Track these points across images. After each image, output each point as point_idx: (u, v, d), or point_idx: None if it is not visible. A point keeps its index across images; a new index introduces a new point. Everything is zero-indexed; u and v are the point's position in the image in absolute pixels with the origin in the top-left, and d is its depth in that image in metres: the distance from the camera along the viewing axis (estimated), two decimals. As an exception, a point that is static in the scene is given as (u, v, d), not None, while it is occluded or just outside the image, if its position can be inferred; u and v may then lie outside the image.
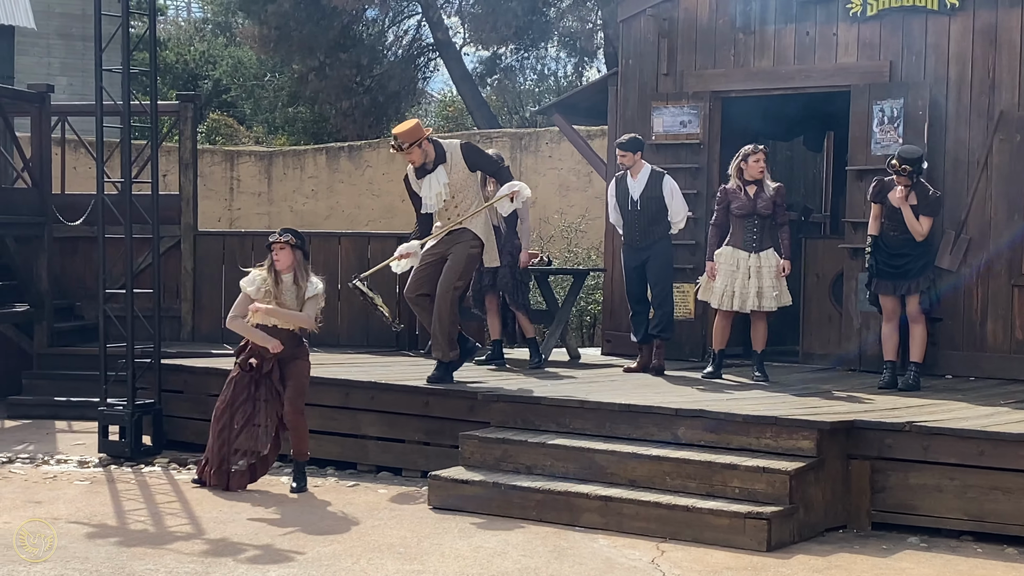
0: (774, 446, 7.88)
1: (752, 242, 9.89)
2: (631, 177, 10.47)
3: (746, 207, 9.89)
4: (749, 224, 9.90)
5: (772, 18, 11.31)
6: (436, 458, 9.09)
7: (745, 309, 9.94)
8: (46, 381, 12.29)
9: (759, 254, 9.88)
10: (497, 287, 10.79)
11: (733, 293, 9.91)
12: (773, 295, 9.89)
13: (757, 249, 9.88)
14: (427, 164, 9.49)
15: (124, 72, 10.15)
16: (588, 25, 25.68)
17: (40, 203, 12.64)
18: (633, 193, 10.43)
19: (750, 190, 9.92)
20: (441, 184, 9.46)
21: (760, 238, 9.88)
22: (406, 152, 9.39)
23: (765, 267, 9.87)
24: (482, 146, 19.02)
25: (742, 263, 9.90)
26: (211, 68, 33.44)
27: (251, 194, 20.86)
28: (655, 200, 10.36)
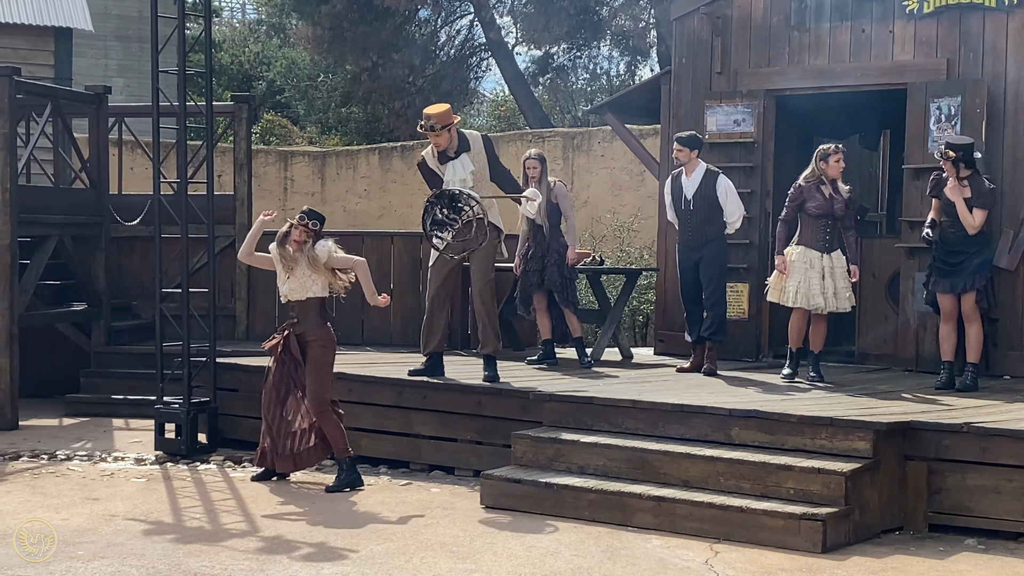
0: (829, 447, 7.82)
1: (824, 242, 9.76)
2: (685, 175, 10.42)
3: (823, 207, 9.74)
4: (822, 224, 9.76)
5: (827, 15, 11.24)
6: (488, 457, 9.10)
7: (822, 309, 9.76)
8: (103, 379, 12.41)
9: (831, 255, 9.76)
10: (545, 285, 10.78)
11: (808, 292, 9.75)
12: (846, 296, 9.80)
13: (828, 249, 9.76)
14: (449, 150, 9.64)
15: (180, 74, 10.23)
16: (640, 24, 25.63)
17: (98, 203, 12.77)
18: (687, 192, 10.38)
19: (825, 190, 9.77)
20: (467, 171, 9.62)
21: (832, 238, 9.77)
22: (436, 133, 9.51)
23: (838, 268, 9.76)
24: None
25: (815, 262, 9.75)
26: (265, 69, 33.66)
27: (304, 194, 20.97)
28: (708, 199, 10.29)
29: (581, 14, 24.42)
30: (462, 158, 9.65)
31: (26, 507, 8.20)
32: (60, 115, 12.60)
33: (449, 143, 9.64)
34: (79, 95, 13.15)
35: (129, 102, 18.65)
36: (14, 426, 11.19)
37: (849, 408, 8.39)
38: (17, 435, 10.90)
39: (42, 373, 13.02)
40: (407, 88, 25.54)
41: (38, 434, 10.96)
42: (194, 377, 10.31)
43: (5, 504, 8.29)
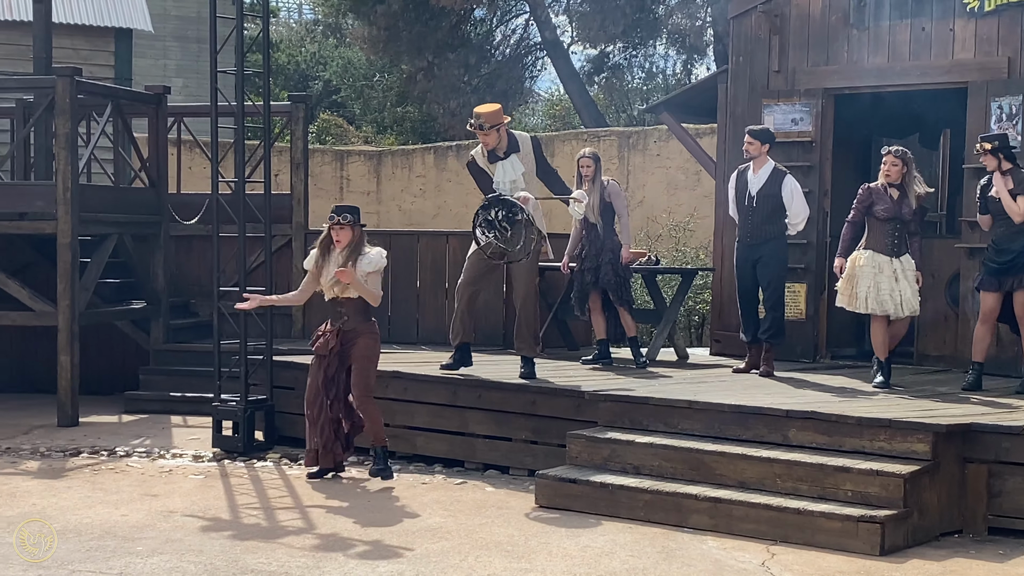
0: (888, 449, 7.75)
1: (892, 246, 9.55)
2: (752, 171, 10.31)
3: (891, 210, 9.53)
4: (890, 227, 9.55)
5: (887, 13, 11.14)
6: (543, 457, 9.10)
7: (896, 314, 9.56)
8: (162, 377, 12.53)
9: (899, 259, 9.56)
10: (599, 285, 10.76)
11: (878, 297, 9.55)
12: (915, 301, 9.60)
13: (897, 253, 9.55)
14: (499, 150, 9.68)
15: (238, 74, 10.31)
16: (697, 22, 25.53)
17: (157, 202, 12.88)
18: (751, 188, 10.26)
19: (893, 193, 9.55)
20: (517, 172, 9.68)
21: (900, 243, 9.56)
22: (485, 132, 9.58)
23: (908, 271, 9.56)
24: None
25: (885, 266, 9.54)
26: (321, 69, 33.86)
27: (360, 193, 21.08)
28: (772, 198, 10.17)
29: (637, 13, 24.36)
30: (512, 159, 9.69)
31: (86, 503, 8.29)
32: (120, 115, 12.72)
33: (498, 143, 9.68)
34: (139, 95, 13.27)
35: (187, 102, 18.81)
36: (74, 423, 11.32)
37: (908, 410, 8.31)
38: (77, 431, 11.03)
39: (102, 370, 13.17)
40: (462, 87, 25.59)
41: (98, 431, 11.08)
42: (251, 375, 10.38)
43: (66, 500, 8.39)
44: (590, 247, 10.76)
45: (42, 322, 11.68)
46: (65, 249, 11.35)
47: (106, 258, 12.19)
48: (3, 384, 13.45)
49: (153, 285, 12.86)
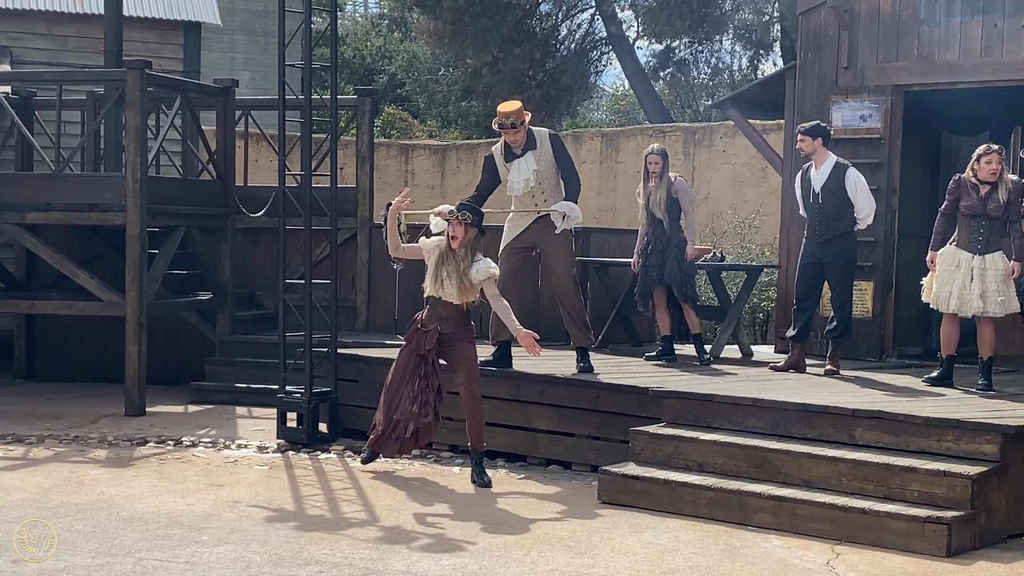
0: (955, 449, 7.66)
1: (977, 243, 9.35)
2: (815, 168, 10.20)
3: (974, 207, 9.34)
4: (976, 224, 9.35)
5: (958, 10, 11.01)
6: (606, 453, 9.08)
7: (964, 313, 9.41)
8: (227, 368, 12.63)
9: (984, 256, 9.33)
10: (664, 280, 10.71)
11: (951, 294, 9.42)
12: (999, 300, 9.33)
13: (982, 251, 9.33)
14: (517, 148, 9.67)
15: (306, 67, 10.37)
16: (764, 18, 25.38)
17: (224, 195, 13.00)
18: (815, 185, 10.14)
19: (983, 190, 9.34)
20: (530, 170, 9.65)
21: (987, 240, 9.33)
22: (515, 131, 9.55)
23: (990, 270, 9.32)
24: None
25: (964, 263, 9.37)
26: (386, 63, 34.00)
27: (425, 187, 21.14)
28: (837, 193, 10.04)
29: (703, 8, 24.26)
30: (527, 156, 9.66)
31: (153, 492, 8.38)
32: (189, 108, 12.84)
33: (522, 140, 9.66)
34: (207, 88, 13.39)
35: (254, 95, 18.95)
36: (141, 412, 11.45)
37: (976, 410, 8.21)
38: (144, 421, 11.16)
39: (168, 361, 13.31)
40: (527, 82, 25.61)
41: (164, 420, 11.20)
42: (316, 367, 10.44)
43: (133, 488, 8.49)
44: (655, 242, 10.72)
45: (110, 312, 11.82)
46: (134, 240, 11.48)
47: (174, 249, 12.32)
48: (72, 374, 13.63)
49: (219, 277, 12.98)
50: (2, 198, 11.79)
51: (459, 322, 8.86)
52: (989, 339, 9.47)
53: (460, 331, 8.87)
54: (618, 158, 19.42)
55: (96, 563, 6.65)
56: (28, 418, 11.16)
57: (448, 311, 8.82)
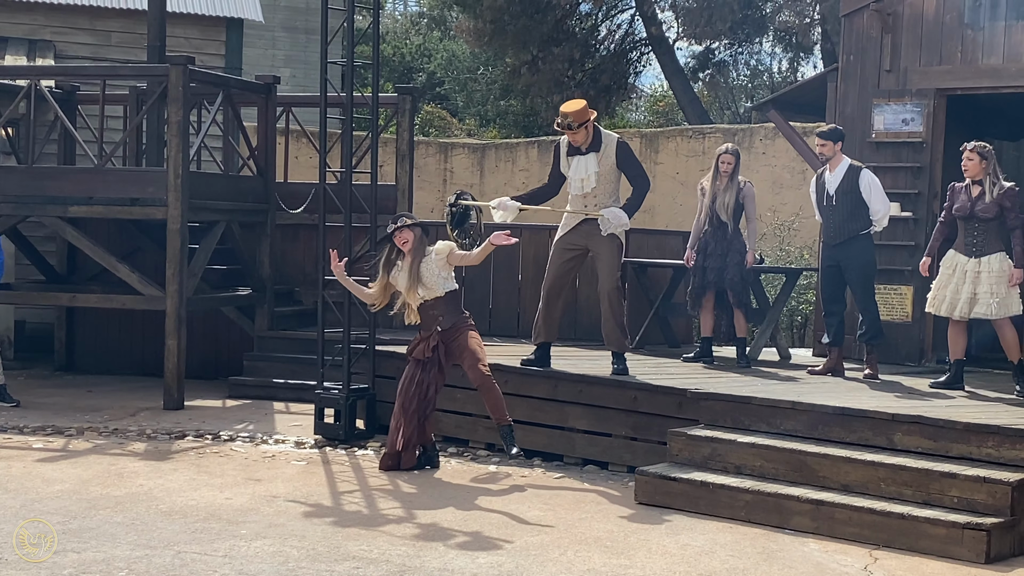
0: (996, 456, 7.62)
1: (972, 246, 9.33)
2: (829, 171, 10.18)
3: (964, 209, 9.35)
4: (969, 227, 9.36)
5: (1003, 14, 10.93)
6: (643, 454, 9.07)
7: (957, 316, 9.40)
8: (266, 363, 12.69)
9: (979, 259, 9.31)
10: (723, 284, 10.65)
11: (945, 298, 9.44)
12: (991, 302, 9.25)
13: (978, 254, 9.31)
14: (582, 146, 9.61)
15: (348, 65, 10.41)
16: (805, 20, 25.27)
17: (264, 191, 13.06)
18: (829, 188, 10.11)
19: (973, 190, 9.37)
20: (590, 171, 9.58)
21: (982, 242, 9.30)
22: (573, 132, 9.51)
23: (984, 272, 9.28)
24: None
25: (959, 267, 9.38)
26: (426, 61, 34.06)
27: (464, 185, 21.13)
28: (851, 195, 9.99)
29: (744, 9, 24.18)
30: (589, 156, 9.60)
31: (191, 485, 8.44)
32: (230, 104, 12.90)
33: (584, 139, 9.60)
34: (249, 85, 13.46)
35: (295, 92, 19.03)
36: (180, 406, 11.52)
37: (1017, 416, 8.16)
38: (183, 415, 11.22)
39: (207, 355, 13.39)
40: (566, 82, 25.59)
41: (203, 414, 11.26)
42: (353, 364, 10.48)
43: (172, 481, 8.54)
44: (716, 245, 10.65)
45: (150, 306, 11.90)
46: (174, 235, 11.55)
47: (214, 245, 12.38)
48: (111, 367, 13.73)
49: (259, 272, 13.04)
50: (45, 191, 11.88)
51: (451, 310, 9.04)
52: (1011, 341, 9.38)
53: (457, 320, 9.04)
54: (657, 159, 19.39)
55: (135, 555, 6.70)
56: (68, 410, 11.25)
57: (437, 307, 8.99)
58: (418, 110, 27.44)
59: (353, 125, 10.63)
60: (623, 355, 9.73)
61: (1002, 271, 9.28)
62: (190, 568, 6.50)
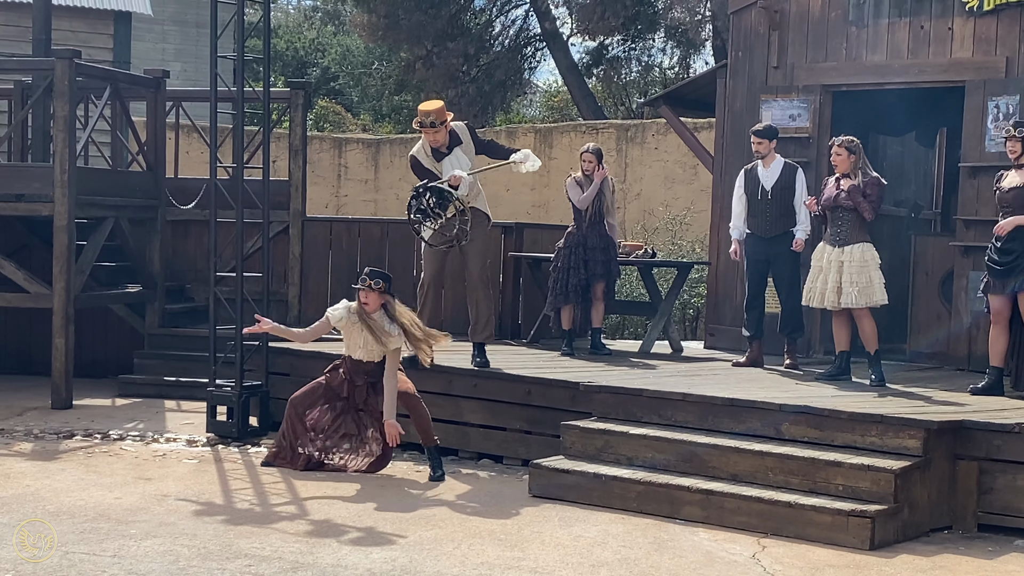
0: (879, 444, 7.79)
1: (837, 236, 9.56)
2: (763, 167, 10.34)
3: (830, 200, 9.59)
4: (835, 217, 9.58)
5: (886, 11, 11.17)
6: (537, 447, 9.13)
7: (826, 305, 9.61)
8: (156, 361, 12.53)
9: (843, 248, 9.51)
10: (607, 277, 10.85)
11: (816, 289, 9.64)
12: (851, 291, 9.44)
13: (842, 243, 9.52)
14: (443, 147, 9.60)
15: (239, 59, 10.31)
16: (696, 17, 25.55)
17: (154, 186, 12.89)
18: (765, 183, 10.28)
19: (843, 183, 9.57)
20: (464, 165, 9.58)
21: (846, 232, 9.52)
22: (435, 130, 9.48)
23: (847, 261, 9.47)
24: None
25: (826, 257, 9.60)
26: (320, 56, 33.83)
27: (358, 181, 21.08)
28: (788, 191, 10.24)
29: (636, 6, 24.38)
30: (456, 153, 9.61)
31: (80, 485, 8.31)
32: (119, 98, 12.72)
33: (444, 139, 9.59)
34: (138, 79, 13.28)
35: (186, 86, 18.81)
36: (68, 405, 11.33)
37: (900, 406, 8.35)
38: (71, 414, 11.04)
39: (96, 354, 13.19)
40: (461, 77, 25.61)
41: (92, 414, 11.10)
42: (246, 360, 10.39)
43: (59, 482, 8.41)
44: (598, 240, 10.83)
45: (37, 304, 11.68)
46: (61, 231, 11.35)
47: (102, 241, 12.19)
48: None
49: (149, 269, 12.88)
50: (-73, 187, 11.61)
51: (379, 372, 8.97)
52: (869, 332, 9.57)
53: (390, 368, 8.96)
54: (551, 154, 19.48)
55: (23, 556, 6.59)
56: (-48, 411, 11.02)
57: (373, 369, 8.97)
58: (312, 105, 27.28)
59: (245, 120, 10.53)
60: (484, 347, 9.74)
61: (863, 261, 9.49)
62: (78, 569, 6.41)
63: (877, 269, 9.55)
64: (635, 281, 15.09)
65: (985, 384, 9.18)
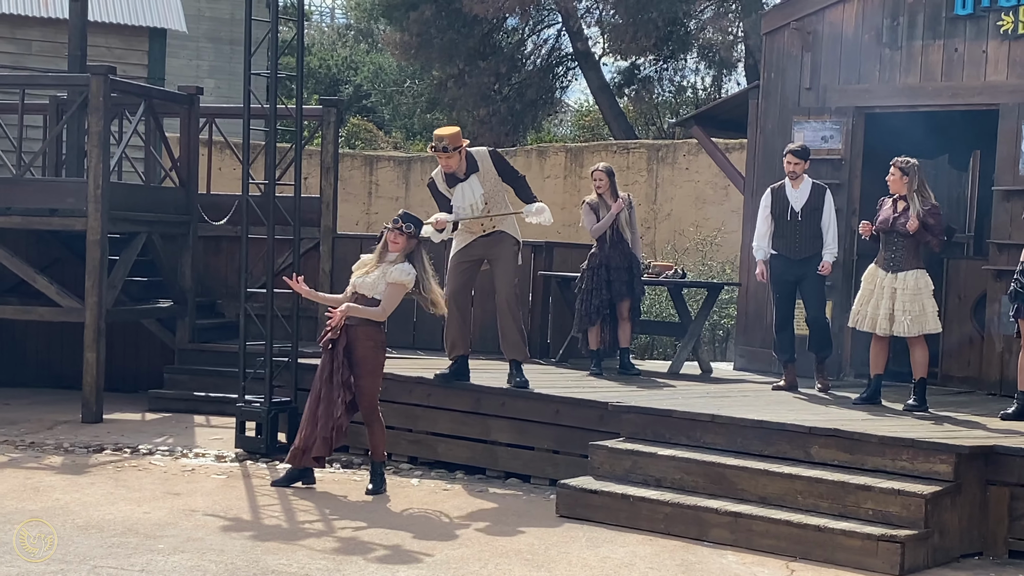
0: (910, 468, 7.74)
1: (891, 261, 9.38)
2: (791, 187, 10.25)
3: (885, 223, 9.41)
4: (889, 241, 9.41)
5: (920, 34, 11.13)
6: (565, 467, 9.11)
7: (877, 331, 9.47)
8: (186, 376, 12.58)
9: (896, 275, 9.34)
10: (631, 296, 10.82)
11: (867, 314, 9.50)
12: (903, 319, 9.28)
13: (895, 269, 9.35)
14: (459, 172, 9.52)
15: (272, 76, 10.36)
16: (728, 37, 25.53)
17: (186, 202, 12.96)
18: (794, 204, 10.17)
19: (898, 205, 9.41)
20: (477, 195, 9.47)
21: (900, 258, 9.34)
22: (448, 155, 9.41)
23: (900, 288, 9.31)
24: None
25: (879, 282, 9.44)
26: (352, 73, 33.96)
27: (389, 198, 21.13)
28: (817, 212, 10.15)
29: (669, 26, 24.38)
30: (471, 180, 9.50)
31: (109, 499, 8.34)
32: (152, 114, 12.80)
33: (459, 165, 9.50)
34: (172, 95, 13.35)
35: (219, 103, 18.91)
36: (98, 419, 11.38)
37: (931, 430, 8.29)
38: (101, 428, 11.09)
39: (127, 368, 13.26)
40: (492, 96, 25.65)
41: (121, 428, 11.14)
42: (276, 377, 10.42)
43: (89, 496, 8.44)
44: (621, 259, 10.82)
45: (69, 318, 11.75)
46: (94, 246, 11.42)
47: (134, 256, 12.27)
48: (29, 379, 13.53)
49: (180, 284, 12.93)
50: (-38, 201, 11.70)
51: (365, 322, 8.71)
52: (919, 359, 9.42)
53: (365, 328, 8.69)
54: (582, 173, 19.48)
55: (50, 570, 6.61)
56: (-16, 423, 11.09)
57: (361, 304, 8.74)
58: (344, 122, 27.37)
59: (277, 137, 10.58)
60: (521, 365, 9.70)
61: (917, 288, 9.32)
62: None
63: (931, 297, 9.38)
64: (665, 301, 15.06)
65: (1015, 410, 9.08)
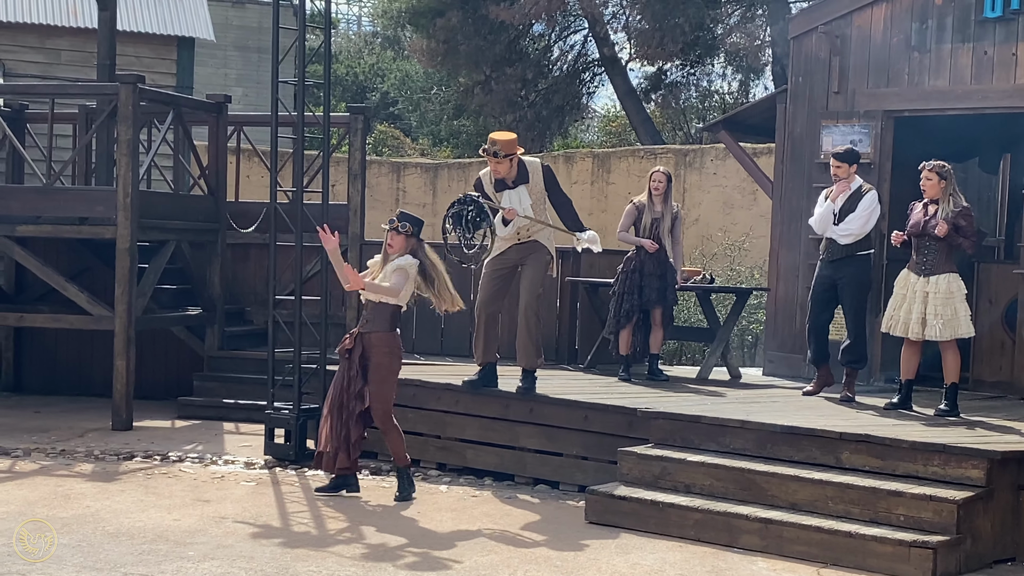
0: (942, 474, 7.68)
1: (923, 265, 9.31)
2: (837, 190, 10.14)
3: (917, 226, 9.33)
4: (921, 245, 9.33)
5: (949, 37, 11.07)
6: (594, 473, 9.08)
7: (909, 335, 9.42)
8: (215, 383, 12.61)
9: (928, 279, 9.27)
10: (662, 302, 10.80)
11: (899, 319, 9.42)
12: (935, 323, 9.22)
13: (927, 273, 9.27)
14: (508, 179, 9.47)
15: (299, 84, 10.39)
16: (756, 42, 25.48)
17: (215, 210, 13.00)
18: (836, 205, 10.11)
19: (931, 209, 9.32)
20: (524, 204, 9.42)
21: (932, 261, 9.26)
22: (498, 160, 9.37)
23: (932, 292, 9.24)
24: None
25: (911, 287, 9.37)
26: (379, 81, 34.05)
27: (416, 205, 21.15)
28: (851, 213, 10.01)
29: (696, 31, 24.33)
30: (519, 190, 9.45)
31: (139, 506, 8.37)
32: (181, 123, 12.85)
33: (508, 172, 9.45)
34: (200, 103, 13.40)
35: (247, 111, 18.99)
36: (128, 427, 11.43)
37: (963, 435, 8.24)
38: (131, 435, 11.13)
39: (156, 376, 13.29)
40: (519, 102, 25.67)
41: (151, 435, 11.18)
42: (304, 384, 10.43)
43: (119, 503, 8.47)
44: (655, 266, 10.81)
45: (99, 326, 11.81)
46: (124, 254, 11.47)
47: (164, 264, 12.32)
48: (59, 387, 13.60)
49: (209, 292, 12.97)
50: (-8, 210, 11.78)
51: (380, 324, 8.75)
52: (951, 364, 9.35)
53: (378, 335, 8.72)
54: (609, 179, 19.48)
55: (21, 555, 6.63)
56: (14, 431, 11.13)
57: (371, 310, 8.79)
58: (371, 129, 27.45)
59: (305, 144, 10.61)
60: (533, 373, 9.67)
61: (949, 292, 9.25)
62: (136, 590, 6.46)
63: (963, 301, 9.30)
64: (693, 307, 15.02)
65: None
